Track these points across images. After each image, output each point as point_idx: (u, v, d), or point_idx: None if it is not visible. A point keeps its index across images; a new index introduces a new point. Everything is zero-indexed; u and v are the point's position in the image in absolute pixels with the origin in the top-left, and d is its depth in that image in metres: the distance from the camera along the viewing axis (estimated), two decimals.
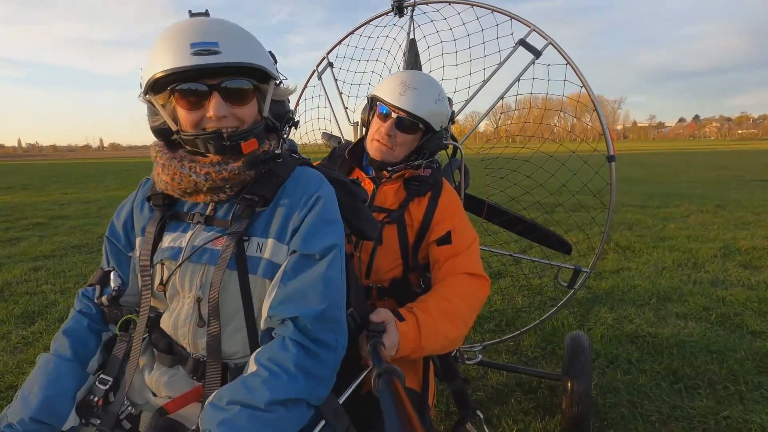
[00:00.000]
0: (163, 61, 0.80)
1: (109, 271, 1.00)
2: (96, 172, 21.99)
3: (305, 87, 2.33)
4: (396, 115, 1.35)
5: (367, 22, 2.13)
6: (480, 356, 2.17)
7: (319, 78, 2.28)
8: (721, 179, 11.96)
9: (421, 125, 1.36)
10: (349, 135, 2.16)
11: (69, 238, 5.76)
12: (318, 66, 2.28)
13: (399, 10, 1.99)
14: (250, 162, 0.88)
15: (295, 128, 1.03)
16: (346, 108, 2.21)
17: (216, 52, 0.80)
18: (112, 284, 0.98)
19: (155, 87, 0.85)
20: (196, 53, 0.79)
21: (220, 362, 0.88)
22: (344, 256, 0.95)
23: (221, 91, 0.84)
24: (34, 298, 3.54)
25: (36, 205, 9.17)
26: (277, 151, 0.94)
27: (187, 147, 0.91)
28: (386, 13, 2.05)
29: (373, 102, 1.43)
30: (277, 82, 0.94)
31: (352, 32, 2.16)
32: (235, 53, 0.82)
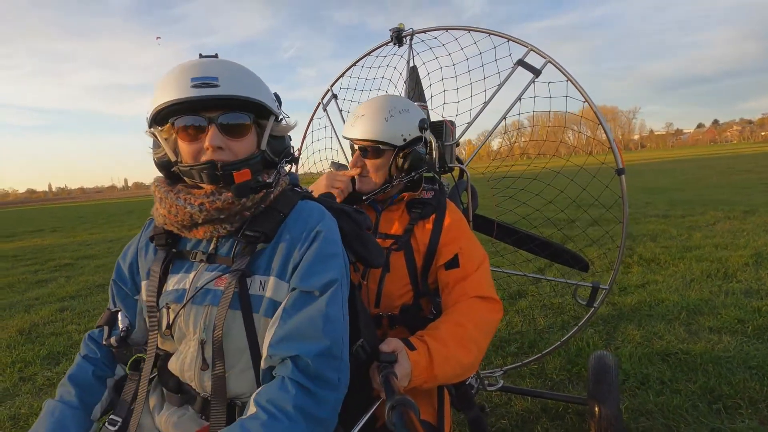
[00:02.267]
0: (165, 94, 0.84)
1: (117, 312, 1.01)
2: (120, 212, 22.74)
3: (311, 119, 2.38)
4: (357, 145, 1.38)
5: (369, 53, 2.18)
6: (501, 381, 2.10)
7: (324, 110, 2.33)
8: (747, 183, 11.56)
9: (381, 146, 1.37)
10: None
11: (94, 277, 5.91)
12: (323, 98, 2.34)
13: (398, 39, 2.05)
14: (239, 189, 0.87)
15: (295, 164, 1.04)
16: None
17: (215, 86, 0.83)
18: (120, 325, 0.98)
19: (158, 119, 0.89)
20: (195, 86, 0.83)
21: (225, 403, 0.87)
22: (346, 290, 0.94)
23: (219, 124, 0.87)
24: (60, 338, 3.62)
25: (64, 247, 9.49)
26: (268, 181, 0.93)
27: (186, 181, 0.93)
28: (386, 44, 2.10)
29: None
30: (279, 118, 0.96)
31: (353, 64, 2.22)
32: (234, 87, 0.85)
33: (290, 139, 1.04)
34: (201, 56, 0.92)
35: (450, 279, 1.33)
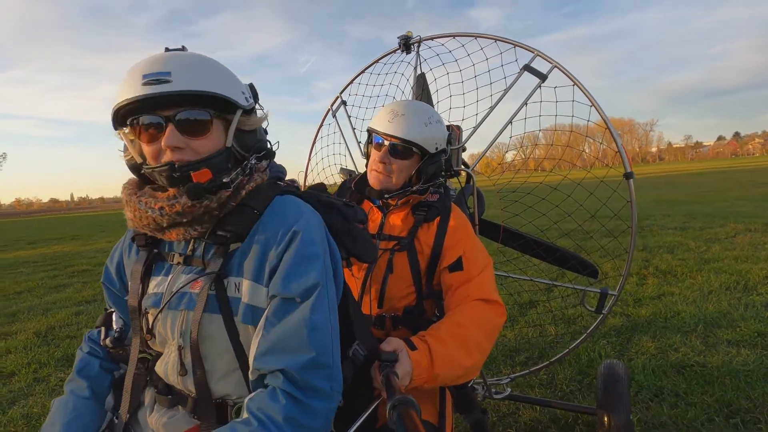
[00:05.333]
0: (121, 93, 0.79)
1: (111, 313, 1.01)
2: None
3: (321, 126, 2.42)
4: (389, 142, 1.38)
5: (377, 61, 2.22)
6: (509, 390, 2.07)
7: (334, 116, 2.37)
8: None
9: (414, 149, 1.38)
10: (363, 168, 2.20)
11: None
12: (332, 105, 2.38)
13: (406, 47, 2.08)
14: (190, 190, 0.81)
15: (272, 159, 0.99)
16: (359, 142, 2.27)
17: (166, 81, 0.77)
18: (115, 326, 0.98)
19: (118, 120, 0.83)
20: (146, 83, 0.76)
21: (211, 403, 0.86)
22: (332, 292, 0.87)
23: (176, 123, 0.80)
24: (74, 341, 3.68)
25: (82, 254, 9.71)
26: (225, 180, 0.84)
27: (155, 183, 0.89)
28: (394, 51, 2.13)
29: (370, 134, 1.47)
30: (251, 111, 0.89)
31: (362, 71, 2.26)
32: (187, 82, 0.78)
33: (266, 133, 0.98)
34: (167, 50, 0.85)
35: (453, 281, 1.33)
